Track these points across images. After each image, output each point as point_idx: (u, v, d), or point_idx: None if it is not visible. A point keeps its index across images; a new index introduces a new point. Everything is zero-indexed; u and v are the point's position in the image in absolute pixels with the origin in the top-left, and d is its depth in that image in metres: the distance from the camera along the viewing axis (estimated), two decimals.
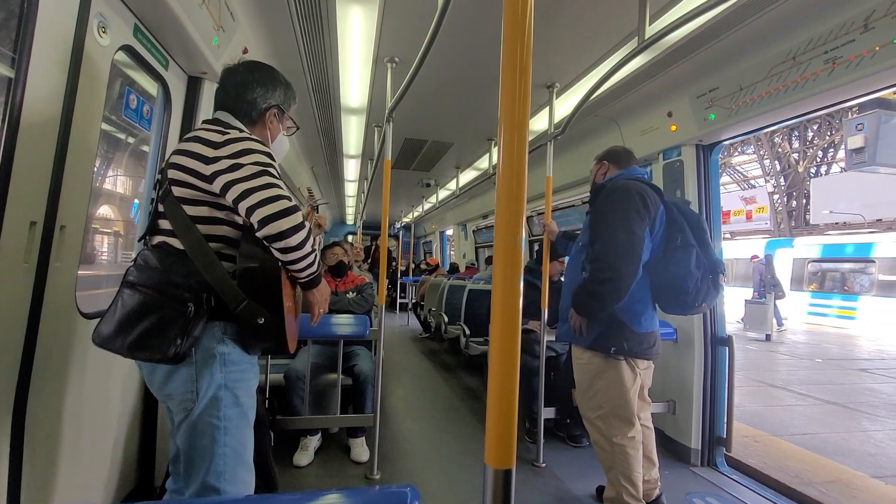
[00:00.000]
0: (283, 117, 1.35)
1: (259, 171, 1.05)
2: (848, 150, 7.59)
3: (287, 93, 1.34)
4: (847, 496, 2.53)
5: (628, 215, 1.76)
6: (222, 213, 1.11)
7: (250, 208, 1.03)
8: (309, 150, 4.78)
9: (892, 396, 5.15)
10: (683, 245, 1.78)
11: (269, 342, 1.15)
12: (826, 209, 15.70)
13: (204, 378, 1.08)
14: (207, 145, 1.09)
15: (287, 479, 2.24)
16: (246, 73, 1.27)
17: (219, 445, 1.08)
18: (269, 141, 1.30)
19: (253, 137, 1.15)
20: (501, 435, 0.56)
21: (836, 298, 12.44)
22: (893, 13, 1.61)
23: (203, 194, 1.09)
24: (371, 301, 3.00)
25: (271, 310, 1.09)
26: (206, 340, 1.08)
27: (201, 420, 1.07)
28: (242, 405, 1.13)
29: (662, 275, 1.80)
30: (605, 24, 2.11)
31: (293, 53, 2.52)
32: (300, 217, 1.06)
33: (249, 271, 1.08)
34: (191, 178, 1.08)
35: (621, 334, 1.82)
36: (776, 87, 2.07)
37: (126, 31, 1.52)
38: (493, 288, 0.59)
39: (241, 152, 1.07)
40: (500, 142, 0.57)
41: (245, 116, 1.25)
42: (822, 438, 3.61)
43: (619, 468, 1.84)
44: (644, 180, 1.94)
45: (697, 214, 1.90)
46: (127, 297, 1.05)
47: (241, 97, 1.24)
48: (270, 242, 1.05)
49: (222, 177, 1.05)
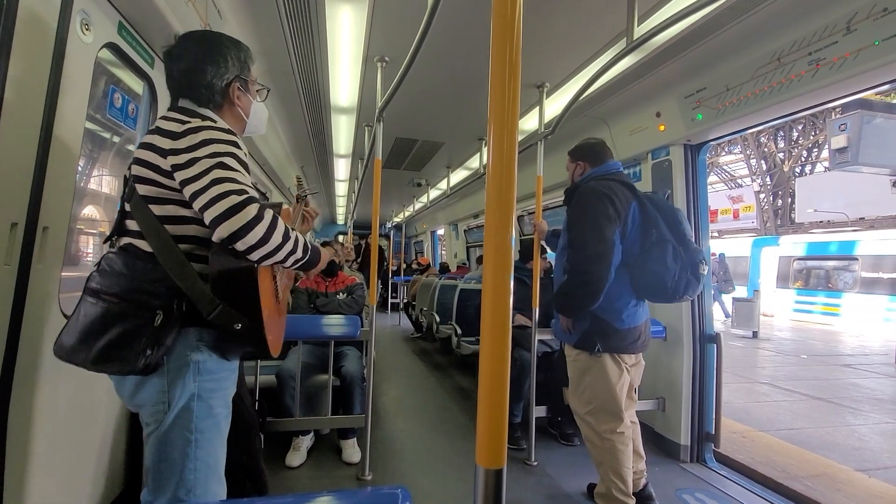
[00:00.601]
0: (249, 84, 1.22)
1: (212, 166, 0.96)
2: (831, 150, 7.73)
3: (239, 55, 1.18)
4: (832, 489, 2.58)
5: (598, 221, 1.79)
6: (189, 210, 1.02)
7: (201, 210, 0.96)
8: (299, 149, 4.75)
9: (874, 391, 5.26)
10: (658, 240, 1.80)
11: (249, 348, 1.08)
12: (811, 208, 15.98)
13: (176, 387, 1.01)
14: (166, 136, 1.01)
15: (279, 480, 2.22)
16: (188, 54, 1.12)
17: (189, 459, 1.02)
18: (244, 118, 1.22)
19: (216, 126, 1.05)
20: (492, 435, 0.56)
21: (821, 296, 12.67)
22: (875, 16, 1.64)
23: (167, 191, 1.01)
24: (362, 302, 2.99)
25: (249, 314, 1.00)
26: (179, 348, 1.02)
27: (172, 432, 1.01)
28: (217, 415, 1.07)
29: (641, 271, 1.83)
30: (594, 25, 2.13)
31: (282, 52, 2.49)
32: (253, 210, 0.95)
33: (222, 273, 0.99)
34: (152, 173, 1.01)
35: (604, 332, 1.86)
36: (762, 88, 2.10)
37: (110, 29, 1.50)
38: (484, 287, 0.59)
39: (199, 144, 0.99)
40: (490, 142, 0.57)
41: (209, 102, 1.13)
42: (808, 433, 3.68)
43: (608, 463, 1.87)
44: (616, 177, 1.95)
45: (672, 206, 1.90)
46: (89, 305, 0.97)
47: (194, 84, 1.12)
48: (228, 245, 0.96)
49: (179, 173, 0.98)
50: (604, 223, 1.78)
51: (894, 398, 5.07)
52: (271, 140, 3.93)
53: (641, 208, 1.86)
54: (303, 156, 5.02)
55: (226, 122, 1.13)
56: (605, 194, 1.82)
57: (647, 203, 1.87)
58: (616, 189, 1.86)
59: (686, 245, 1.83)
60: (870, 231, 12.95)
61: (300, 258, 1.08)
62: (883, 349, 8.20)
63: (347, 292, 3.01)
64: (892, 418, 4.23)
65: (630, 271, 1.86)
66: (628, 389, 1.99)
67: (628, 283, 1.87)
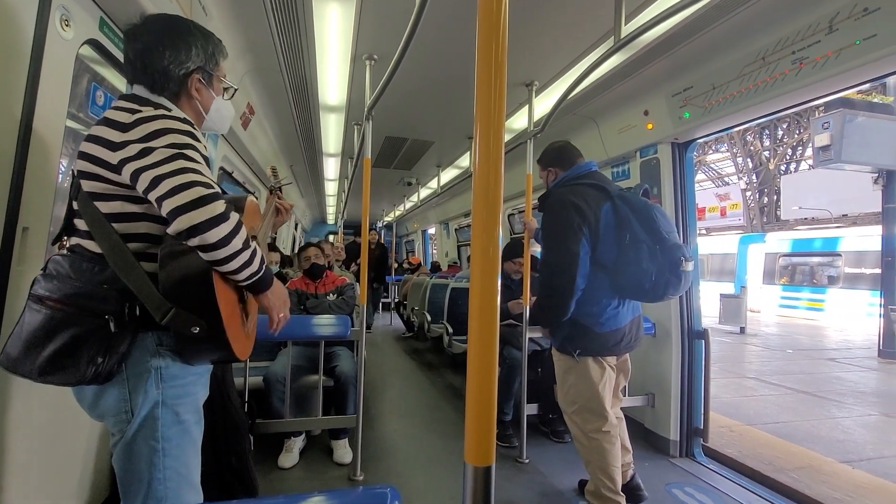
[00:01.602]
0: (213, 80, 1.12)
1: (172, 155, 0.88)
2: (815, 148, 7.86)
3: (208, 48, 1.09)
4: (817, 481, 2.63)
5: (564, 233, 1.80)
6: (139, 206, 0.95)
7: (159, 199, 0.87)
8: (288, 148, 4.71)
9: (858, 384, 5.37)
10: (632, 242, 1.76)
11: (214, 353, 1.00)
12: (796, 205, 16.26)
13: (138, 395, 0.95)
14: (115, 128, 0.92)
15: (270, 481, 2.20)
16: (147, 34, 1.02)
17: (157, 469, 0.96)
18: (202, 113, 1.12)
19: (171, 115, 0.96)
20: (480, 432, 0.56)
21: (806, 291, 12.92)
22: (856, 15, 1.67)
23: (114, 187, 0.93)
24: (353, 302, 2.97)
25: (206, 316, 0.92)
26: (137, 354, 0.95)
27: (136, 441, 0.95)
28: (185, 422, 1.00)
29: (620, 274, 1.80)
30: (582, 23, 2.13)
31: (269, 50, 2.47)
32: (220, 207, 0.88)
33: (173, 273, 0.91)
34: (98, 168, 0.92)
35: (584, 336, 1.87)
36: (747, 87, 2.12)
37: (91, 25, 1.47)
38: (472, 286, 0.58)
39: (153, 134, 0.90)
40: (476, 140, 0.57)
41: (164, 90, 1.04)
42: (794, 426, 3.74)
43: (596, 462, 1.88)
44: (588, 179, 1.93)
45: (645, 203, 1.84)
46: (33, 312, 0.89)
47: (148, 67, 1.01)
48: (185, 240, 0.87)
49: (130, 164, 0.89)
50: (569, 235, 1.78)
51: (877, 391, 5.18)
52: (260, 139, 3.89)
53: (615, 210, 1.83)
54: (292, 154, 4.98)
55: (183, 112, 1.05)
56: (572, 203, 1.81)
57: (620, 203, 1.83)
58: (586, 194, 1.85)
59: (663, 243, 1.75)
60: (852, 227, 13.23)
61: (255, 272, 0.98)
62: (865, 343, 8.38)
63: (338, 293, 2.99)
64: (875, 411, 4.32)
65: (609, 274, 1.83)
66: (614, 388, 2.00)
67: (608, 285, 1.84)
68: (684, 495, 2.21)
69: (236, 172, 3.92)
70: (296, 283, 2.98)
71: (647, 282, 1.73)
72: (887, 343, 7.01)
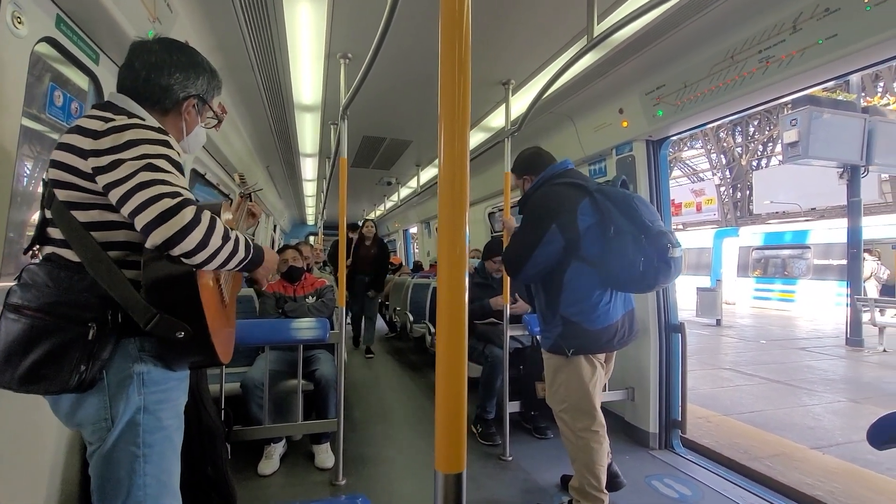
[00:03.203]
0: (204, 108, 1.18)
1: (140, 167, 0.88)
2: (784, 145, 8.11)
3: (211, 82, 1.17)
4: (790, 468, 2.71)
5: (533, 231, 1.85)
6: (118, 215, 0.93)
7: (131, 215, 0.88)
8: (263, 149, 4.61)
9: (827, 372, 5.57)
10: (617, 234, 1.74)
11: (196, 357, 1.00)
12: (767, 200, 16.79)
13: (119, 402, 0.94)
14: (87, 136, 0.92)
15: (249, 490, 2.15)
16: (164, 52, 1.07)
17: (138, 476, 0.96)
18: (182, 133, 1.15)
19: (144, 125, 0.96)
20: (450, 439, 0.55)
21: (778, 283, 13.35)
22: (818, 15, 1.72)
23: (91, 195, 0.93)
24: (332, 305, 2.92)
25: (191, 321, 0.93)
26: (119, 360, 0.95)
27: (117, 449, 0.94)
28: (167, 427, 1.01)
29: (607, 269, 1.78)
30: (555, 22, 2.14)
31: (239, 48, 2.41)
32: (190, 213, 0.88)
33: (158, 280, 0.91)
34: (72, 177, 0.92)
35: (576, 335, 1.84)
36: (717, 85, 2.17)
37: (47, 22, 1.40)
38: (439, 288, 0.57)
39: (124, 145, 0.90)
40: (441, 140, 0.56)
41: (156, 104, 1.07)
42: (768, 415, 3.86)
43: (582, 460, 1.88)
44: (564, 177, 1.93)
45: (624, 194, 1.83)
46: (10, 322, 0.88)
47: (152, 81, 1.05)
48: (163, 252, 0.89)
49: (102, 177, 0.90)
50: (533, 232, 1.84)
51: (844, 378, 5.39)
52: (234, 139, 3.80)
53: (594, 204, 1.81)
54: (268, 155, 4.88)
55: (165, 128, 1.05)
56: (548, 208, 1.84)
57: (600, 197, 1.81)
58: (561, 193, 1.85)
59: (647, 231, 1.73)
60: (821, 221, 13.73)
61: (244, 258, 1.02)
62: (834, 332, 8.70)
63: (317, 295, 2.94)
64: (843, 397, 4.49)
65: (596, 268, 1.81)
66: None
67: (597, 280, 1.82)
68: (664, 487, 2.25)
69: (209, 174, 3.82)
70: (273, 287, 2.92)
71: (635, 272, 1.71)
72: (854, 331, 7.29)
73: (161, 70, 1.06)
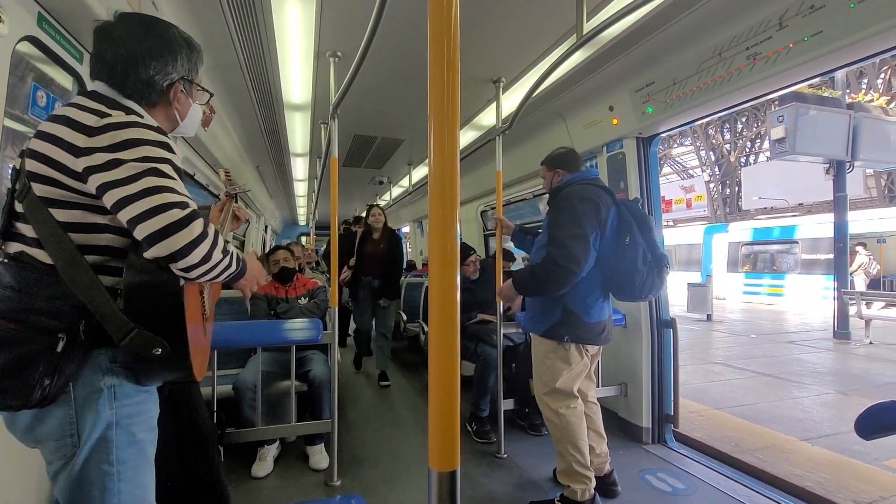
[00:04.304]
0: (192, 87, 1.09)
1: (145, 171, 0.82)
2: (771, 141, 8.20)
3: (191, 56, 1.05)
4: (780, 459, 2.76)
5: (582, 224, 1.88)
6: (103, 217, 0.87)
7: (131, 221, 0.82)
8: (253, 148, 4.57)
9: (815, 365, 5.66)
10: (631, 243, 1.93)
11: (170, 374, 0.94)
12: (755, 195, 16.98)
13: (87, 417, 0.86)
14: (80, 131, 0.84)
15: (242, 492, 2.14)
16: (133, 41, 0.95)
17: (112, 494, 0.89)
18: (178, 120, 1.07)
19: (144, 123, 0.89)
20: (444, 437, 0.55)
21: (767, 278, 13.53)
22: (804, 12, 1.74)
23: (75, 195, 0.85)
24: (325, 306, 2.90)
25: (171, 337, 0.86)
26: (87, 373, 0.87)
27: (88, 468, 0.87)
28: (140, 441, 0.94)
29: (613, 270, 1.96)
30: (545, 20, 2.15)
31: (227, 47, 2.38)
32: (199, 227, 0.84)
33: (139, 288, 0.85)
34: (57, 173, 0.84)
35: (574, 324, 1.97)
36: (706, 82, 2.19)
37: (28, 20, 1.38)
38: (431, 286, 0.57)
39: (123, 143, 0.83)
40: (431, 138, 0.56)
41: (142, 99, 0.98)
42: (758, 408, 3.91)
43: (566, 438, 1.98)
44: (596, 182, 2.07)
45: (645, 214, 2.05)
46: None
47: (130, 76, 0.95)
48: (163, 264, 0.84)
49: (96, 176, 0.82)
50: (586, 226, 1.88)
51: (832, 370, 5.47)
52: (223, 139, 3.76)
53: (619, 213, 1.99)
54: (257, 155, 4.84)
55: (155, 120, 0.99)
56: (590, 199, 1.93)
57: (624, 208, 2.01)
58: (600, 195, 1.97)
59: (654, 250, 1.97)
60: (808, 216, 13.93)
61: (234, 271, 0.98)
62: (822, 325, 8.84)
63: (309, 296, 2.92)
64: (831, 389, 4.56)
65: (603, 270, 1.98)
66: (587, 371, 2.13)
67: (600, 281, 2.00)
68: (657, 481, 2.27)
69: (198, 174, 3.78)
70: (265, 288, 2.89)
71: (638, 280, 1.91)
72: (841, 325, 7.41)
73: (136, 63, 0.95)
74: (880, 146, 8.10)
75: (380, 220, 4.02)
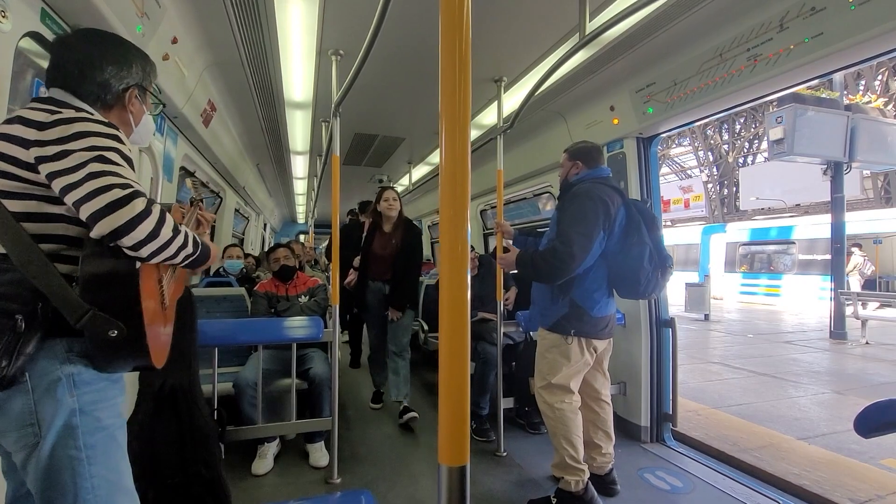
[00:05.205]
0: (146, 96, 1.15)
1: (90, 158, 0.86)
2: (770, 142, 8.24)
3: (146, 67, 1.13)
4: (777, 458, 2.77)
5: (590, 219, 1.92)
6: (58, 207, 0.91)
7: (76, 203, 0.85)
8: (253, 146, 4.57)
9: (812, 364, 5.69)
10: (639, 242, 1.97)
11: (129, 359, 0.94)
12: (753, 196, 17.03)
13: (46, 406, 0.88)
14: (31, 126, 0.89)
15: (243, 490, 2.14)
16: (89, 46, 1.03)
17: (84, 479, 0.91)
18: (131, 126, 1.12)
19: (93, 118, 0.94)
20: (454, 432, 0.56)
21: (764, 278, 13.58)
22: (804, 14, 1.75)
23: (28, 185, 0.89)
24: (325, 304, 2.90)
25: (127, 319, 0.88)
26: (44, 362, 0.89)
27: (55, 455, 0.89)
28: (108, 427, 0.96)
29: (619, 267, 2.00)
30: (548, 19, 2.15)
31: (229, 44, 2.38)
32: (141, 204, 0.87)
33: (97, 275, 0.87)
34: (10, 166, 0.88)
35: (579, 318, 2.01)
36: (706, 83, 2.20)
37: (31, 16, 1.37)
38: (441, 284, 0.57)
39: (72, 136, 0.88)
40: (443, 136, 0.56)
41: (97, 101, 1.03)
42: (756, 408, 3.93)
43: (560, 431, 2.02)
44: (608, 182, 2.10)
45: (653, 215, 2.10)
46: None
47: (87, 78, 1.01)
48: (110, 243, 0.86)
49: (46, 166, 0.87)
50: (593, 226, 1.91)
51: (829, 370, 5.51)
52: (223, 137, 3.75)
53: (628, 213, 2.03)
54: (257, 152, 4.83)
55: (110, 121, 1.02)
56: (601, 199, 1.95)
57: (633, 208, 2.05)
58: (610, 195, 2.01)
59: (660, 250, 2.02)
60: (805, 216, 13.98)
61: (191, 253, 1.00)
62: (818, 325, 8.88)
63: (309, 295, 2.92)
64: (828, 389, 4.59)
65: (609, 267, 2.02)
66: (599, 366, 2.18)
67: (606, 277, 2.04)
68: (656, 479, 2.28)
69: (199, 172, 3.77)
70: (265, 286, 2.89)
71: (643, 278, 1.95)
72: (837, 325, 7.45)
73: (93, 65, 1.01)
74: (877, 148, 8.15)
75: (394, 207, 3.17)
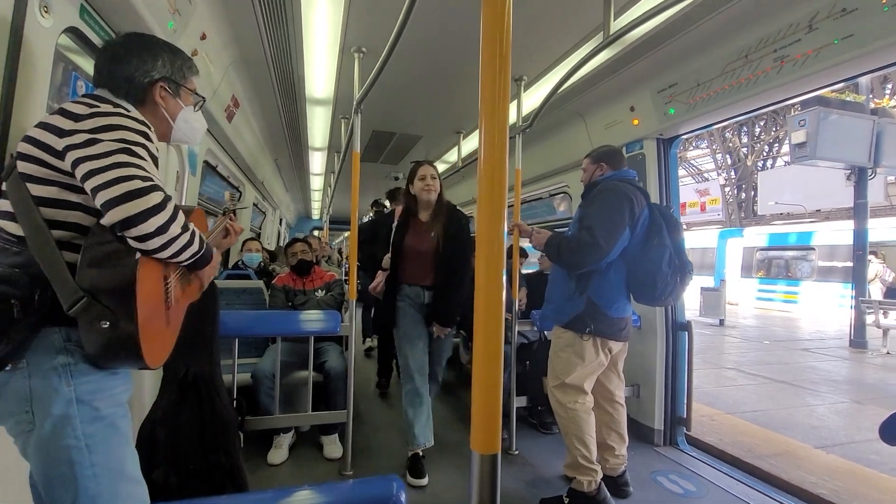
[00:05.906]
0: (181, 90, 1.16)
1: (116, 149, 0.88)
2: (791, 145, 8.07)
3: (175, 62, 1.14)
4: (793, 466, 2.73)
5: (613, 219, 1.93)
6: (76, 195, 0.93)
7: (94, 190, 0.87)
8: (272, 141, 4.63)
9: (831, 373, 5.58)
10: (659, 245, 1.96)
11: (120, 355, 0.92)
12: (772, 200, 16.69)
13: (42, 396, 0.89)
14: (68, 118, 0.92)
15: (259, 478, 2.19)
16: (119, 45, 1.08)
17: (83, 467, 0.91)
18: (169, 122, 1.14)
19: (129, 115, 0.97)
20: (486, 422, 0.57)
21: (781, 284, 13.32)
22: (835, 15, 1.72)
23: (53, 172, 0.92)
24: (341, 299, 2.94)
25: (120, 311, 0.88)
26: (41, 351, 0.90)
27: (52, 444, 0.90)
28: (107, 416, 0.96)
29: (638, 269, 1.99)
30: (572, 18, 2.14)
31: (255, 41, 2.42)
32: (157, 198, 0.88)
33: (95, 260, 0.88)
34: (41, 152, 0.91)
35: (596, 317, 2.01)
36: (730, 84, 2.17)
37: (71, 12, 1.42)
38: (477, 279, 0.59)
39: (104, 127, 0.91)
40: (482, 135, 0.57)
41: (127, 95, 1.07)
42: (771, 414, 3.87)
43: (573, 431, 2.01)
44: (634, 182, 2.10)
45: (676, 219, 2.09)
46: None
47: (114, 74, 1.06)
48: (120, 232, 0.87)
49: (73, 152, 0.89)
50: (618, 220, 1.93)
51: (848, 379, 5.39)
52: (244, 132, 3.82)
53: (651, 215, 2.04)
54: (277, 148, 4.90)
55: (146, 119, 1.05)
56: (627, 196, 1.97)
57: (656, 211, 2.06)
58: (636, 194, 2.02)
59: (680, 255, 2.01)
60: (826, 222, 13.66)
61: (196, 252, 1.02)
62: (837, 333, 8.69)
63: (326, 289, 2.96)
64: (847, 398, 4.50)
65: (628, 268, 2.02)
66: (614, 368, 2.18)
67: (624, 278, 2.04)
68: (669, 482, 2.27)
69: (220, 166, 3.84)
70: (283, 280, 2.94)
71: (660, 281, 1.94)
72: (858, 333, 7.29)
73: (118, 61, 1.06)
74: None
75: (433, 188, 2.34)
